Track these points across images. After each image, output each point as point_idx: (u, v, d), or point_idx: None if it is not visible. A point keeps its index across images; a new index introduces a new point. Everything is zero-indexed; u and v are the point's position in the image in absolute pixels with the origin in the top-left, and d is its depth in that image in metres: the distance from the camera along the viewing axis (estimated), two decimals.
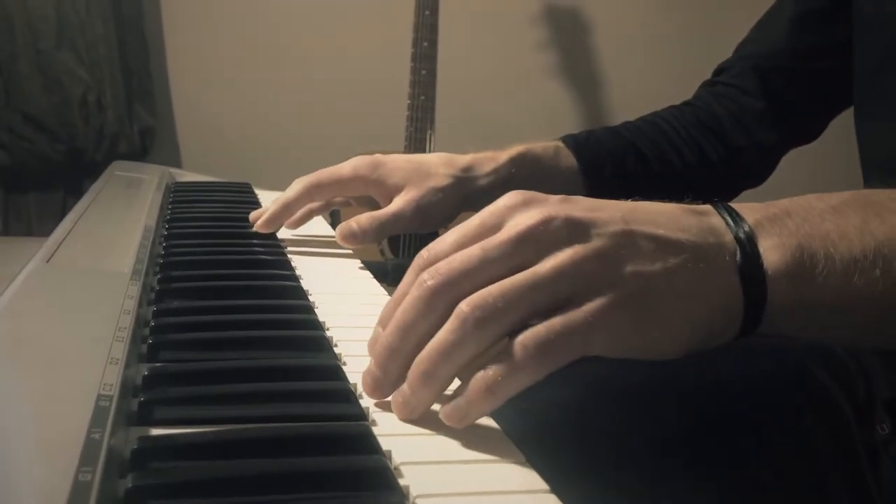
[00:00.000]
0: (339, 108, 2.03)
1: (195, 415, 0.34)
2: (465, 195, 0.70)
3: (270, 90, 2.02)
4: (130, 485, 0.27)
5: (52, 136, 1.85)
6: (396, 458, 0.31)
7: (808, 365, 0.70)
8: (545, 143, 0.78)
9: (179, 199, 0.80)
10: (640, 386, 0.65)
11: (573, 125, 2.15)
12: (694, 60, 0.83)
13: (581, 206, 0.39)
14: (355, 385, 0.38)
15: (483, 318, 0.35)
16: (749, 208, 0.41)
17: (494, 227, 0.38)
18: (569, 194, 0.67)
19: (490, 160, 0.72)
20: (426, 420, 0.36)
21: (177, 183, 0.93)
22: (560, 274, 0.36)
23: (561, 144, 0.78)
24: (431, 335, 0.36)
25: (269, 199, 0.87)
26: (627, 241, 0.37)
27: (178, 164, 2.02)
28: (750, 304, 0.38)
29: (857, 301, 0.39)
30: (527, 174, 0.73)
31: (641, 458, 0.61)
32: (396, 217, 0.65)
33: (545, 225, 0.37)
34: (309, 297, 0.52)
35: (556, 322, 0.35)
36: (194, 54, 2.00)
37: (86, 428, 0.29)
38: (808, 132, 0.82)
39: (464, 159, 0.71)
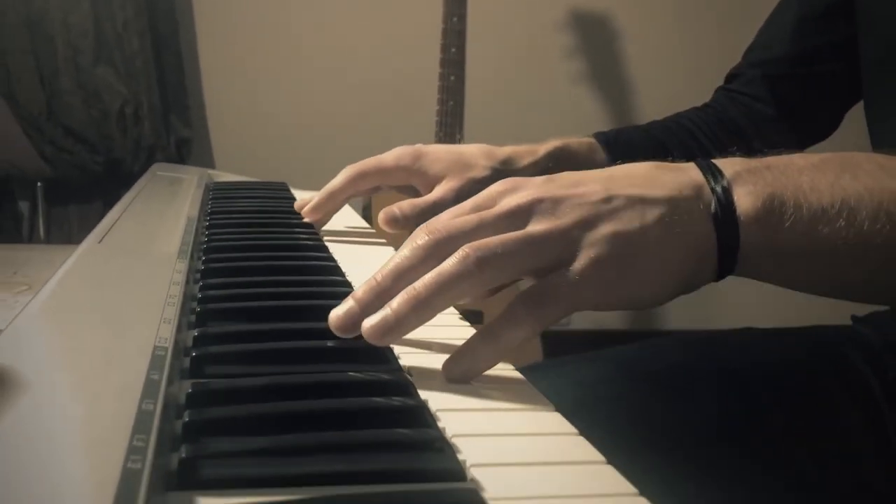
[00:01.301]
0: (369, 115, 2.06)
1: (241, 371, 0.36)
2: None
3: (302, 100, 2.06)
4: (187, 419, 0.29)
5: (92, 148, 1.90)
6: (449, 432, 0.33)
7: (840, 347, 0.70)
8: (580, 139, 0.80)
9: (219, 195, 0.83)
10: (672, 368, 0.67)
11: (599, 130, 2.17)
12: (720, 66, 0.84)
13: (564, 183, 0.42)
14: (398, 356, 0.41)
15: (484, 259, 0.38)
16: (732, 162, 0.44)
17: (488, 206, 0.42)
18: None
19: (528, 153, 0.74)
20: (481, 397, 0.37)
21: (215, 182, 0.96)
22: (549, 236, 0.40)
23: (594, 140, 0.80)
24: None
25: (304, 197, 0.90)
26: (606, 206, 0.41)
27: (212, 169, 2.07)
28: (723, 247, 0.41)
29: (822, 247, 0.41)
30: (563, 168, 0.75)
31: (676, 439, 0.62)
32: (436, 205, 0.67)
33: (535, 202, 0.41)
34: (345, 275, 0.54)
35: (547, 279, 0.39)
36: (227, 67, 2.05)
37: (145, 371, 0.31)
38: (823, 131, 0.83)
39: (503, 151, 0.73)
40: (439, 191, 0.69)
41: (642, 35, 2.18)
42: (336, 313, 0.40)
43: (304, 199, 0.74)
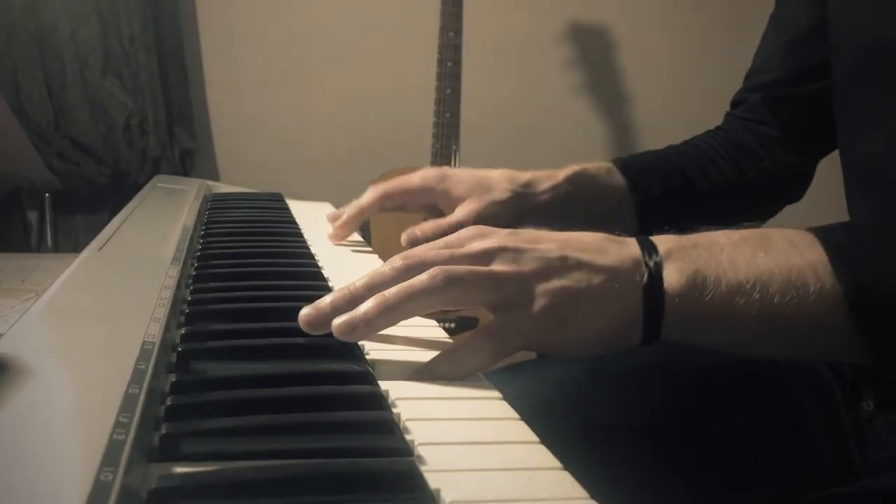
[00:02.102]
0: (368, 126, 2.11)
1: (223, 365, 0.41)
2: (523, 209, 0.74)
3: (302, 112, 2.11)
4: (169, 403, 0.34)
5: (99, 160, 1.95)
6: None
7: None
8: (598, 164, 0.81)
9: (216, 206, 0.88)
10: (638, 367, 0.71)
11: (596, 142, 2.20)
12: (719, 77, 0.85)
13: (527, 238, 0.48)
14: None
15: (452, 279, 0.43)
16: (667, 239, 0.49)
17: (458, 247, 0.47)
18: (621, 213, 0.76)
19: (548, 178, 0.77)
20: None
21: (214, 193, 1.00)
22: (509, 278, 0.45)
23: (612, 165, 0.82)
24: None
25: (298, 208, 0.95)
26: (560, 264, 0.46)
27: (216, 181, 2.12)
28: (648, 316, 0.47)
29: (739, 318, 0.47)
30: (582, 192, 0.77)
31: (641, 433, 0.66)
32: (458, 225, 0.71)
33: (500, 249, 0.46)
34: (328, 282, 0.59)
35: (505, 316, 0.45)
36: (231, 81, 2.10)
37: (133, 362, 0.35)
38: (829, 145, 0.84)
39: (524, 176, 0.76)
40: (461, 211, 0.73)
41: (640, 47, 2.21)
42: (307, 311, 0.44)
43: (336, 212, 0.78)
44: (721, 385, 0.68)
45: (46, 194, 1.90)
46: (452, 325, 1.58)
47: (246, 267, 0.60)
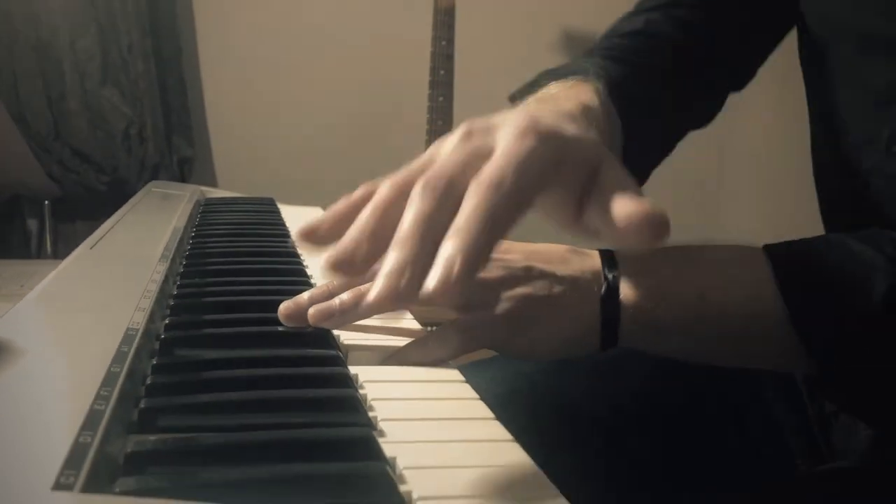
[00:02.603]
0: (362, 133, 2.14)
1: (204, 352, 0.43)
2: None
3: (298, 118, 2.14)
4: (149, 382, 0.36)
5: (98, 168, 1.98)
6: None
7: None
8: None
9: (208, 209, 0.90)
10: (607, 359, 0.73)
11: None
12: None
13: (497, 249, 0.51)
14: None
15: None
16: (628, 253, 0.52)
17: None
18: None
19: None
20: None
21: (207, 198, 1.03)
22: (478, 282, 0.48)
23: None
24: None
25: (289, 212, 0.97)
26: (524, 273, 0.49)
27: (214, 187, 2.15)
28: (605, 325, 0.50)
29: (691, 331, 0.50)
30: None
31: (608, 423, 0.69)
32: None
33: None
34: (311, 279, 0.61)
35: (473, 315, 0.48)
36: (228, 89, 2.13)
37: (117, 345, 0.38)
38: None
39: None
40: None
41: None
42: (286, 304, 0.47)
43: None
44: (688, 376, 0.70)
45: (46, 202, 1.93)
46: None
47: (232, 265, 0.62)
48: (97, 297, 0.47)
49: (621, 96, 0.61)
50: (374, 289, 0.34)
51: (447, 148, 0.40)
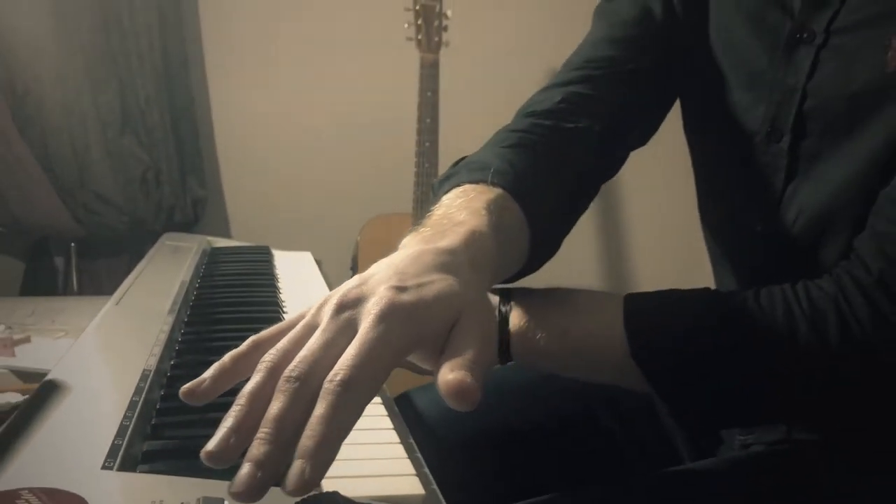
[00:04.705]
0: (358, 176, 2.32)
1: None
2: None
3: (301, 164, 2.33)
4: (159, 407, 0.54)
5: (119, 210, 2.14)
6: None
7: None
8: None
9: (211, 261, 1.09)
10: (532, 382, 0.90)
11: None
12: None
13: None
14: None
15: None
16: (520, 293, 0.65)
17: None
18: None
19: None
20: None
21: (212, 248, 1.21)
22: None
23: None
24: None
25: (283, 259, 1.16)
26: None
27: (225, 225, 2.34)
28: (500, 345, 0.64)
29: (561, 357, 0.65)
30: None
31: (528, 434, 0.86)
32: None
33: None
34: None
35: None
36: (239, 133, 2.33)
37: (136, 382, 0.56)
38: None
39: None
40: None
41: None
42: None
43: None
44: (589, 395, 0.87)
45: (73, 243, 2.11)
46: None
47: (225, 314, 0.81)
48: (122, 345, 0.65)
49: (525, 192, 0.67)
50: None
51: (321, 325, 0.45)
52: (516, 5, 2.39)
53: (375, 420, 0.58)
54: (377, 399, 0.60)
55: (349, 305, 0.46)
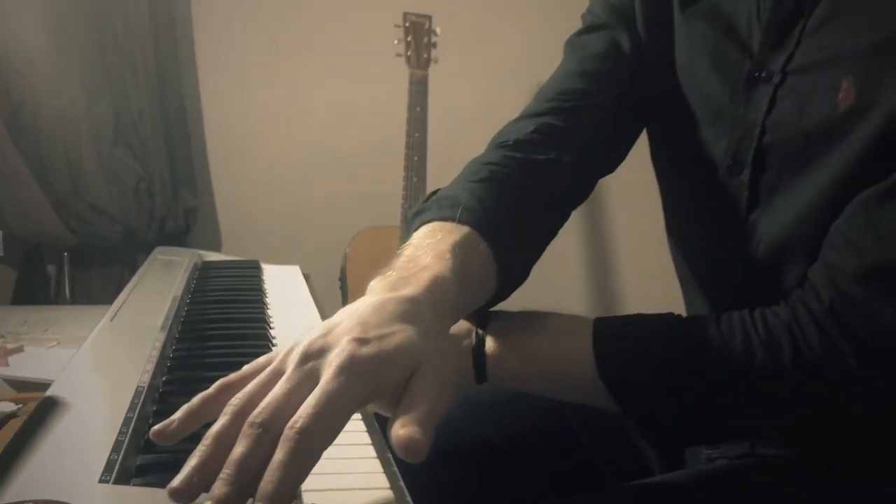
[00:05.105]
0: (347, 188, 2.36)
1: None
2: None
3: (291, 175, 2.37)
4: (148, 436, 0.58)
5: (111, 220, 2.18)
6: None
7: None
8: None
9: (202, 276, 1.12)
10: (511, 398, 0.94)
11: None
12: None
13: None
14: None
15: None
16: (495, 316, 0.70)
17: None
18: None
19: None
20: None
21: (203, 262, 1.25)
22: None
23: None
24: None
25: (272, 273, 1.19)
26: None
27: (216, 234, 2.37)
28: (476, 367, 0.69)
29: (533, 378, 0.70)
30: None
31: (508, 448, 0.89)
32: None
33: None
34: (273, 341, 0.83)
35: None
36: (230, 145, 2.37)
37: (130, 398, 0.59)
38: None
39: None
40: None
41: None
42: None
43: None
44: (563, 412, 0.91)
45: (66, 253, 2.14)
46: None
47: (215, 330, 0.84)
48: (117, 361, 0.69)
49: (493, 228, 0.68)
50: None
51: (286, 373, 0.48)
52: (504, 23, 2.44)
53: (355, 436, 0.61)
54: (356, 416, 0.64)
55: (313, 356, 0.49)
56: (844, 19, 0.67)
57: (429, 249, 0.63)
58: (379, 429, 0.65)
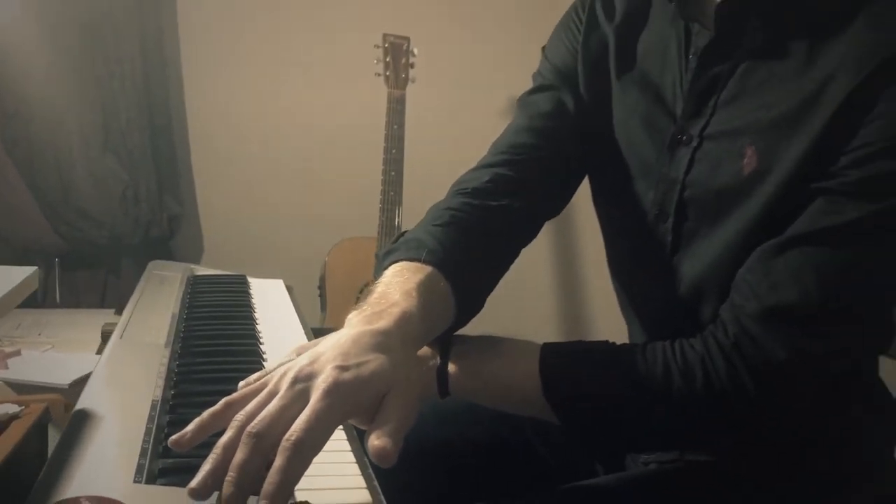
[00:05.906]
0: (326, 198, 2.47)
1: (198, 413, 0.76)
2: None
3: (273, 186, 2.47)
4: (167, 431, 0.69)
5: (99, 225, 2.26)
6: None
7: None
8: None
9: (194, 290, 1.23)
10: (473, 407, 1.05)
11: None
12: None
13: None
14: None
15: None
16: (458, 340, 0.82)
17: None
18: None
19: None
20: None
21: (195, 276, 1.35)
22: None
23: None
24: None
25: (258, 288, 1.30)
26: None
27: (199, 240, 2.48)
28: (439, 385, 0.80)
29: (488, 395, 0.82)
30: None
31: (471, 456, 1.01)
32: None
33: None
34: (263, 356, 0.94)
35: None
36: (214, 155, 2.46)
37: (148, 410, 0.71)
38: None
39: None
40: None
41: None
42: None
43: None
44: (519, 419, 1.02)
45: (56, 258, 2.22)
46: None
47: (208, 347, 0.95)
48: (131, 376, 0.80)
49: (453, 267, 0.79)
50: None
51: (280, 393, 0.59)
52: (479, 45, 2.55)
53: (338, 443, 0.73)
54: (340, 427, 0.76)
55: (303, 379, 0.59)
56: (749, 96, 0.79)
57: (398, 287, 0.74)
58: (357, 439, 0.77)
